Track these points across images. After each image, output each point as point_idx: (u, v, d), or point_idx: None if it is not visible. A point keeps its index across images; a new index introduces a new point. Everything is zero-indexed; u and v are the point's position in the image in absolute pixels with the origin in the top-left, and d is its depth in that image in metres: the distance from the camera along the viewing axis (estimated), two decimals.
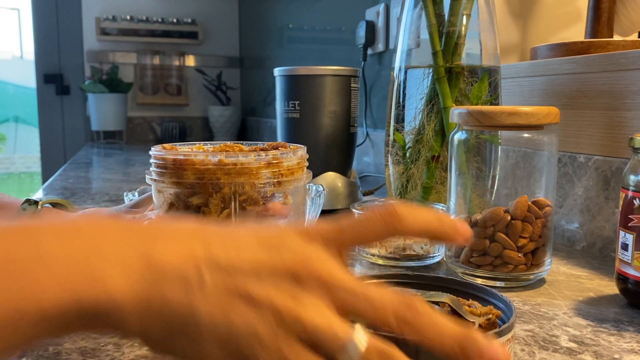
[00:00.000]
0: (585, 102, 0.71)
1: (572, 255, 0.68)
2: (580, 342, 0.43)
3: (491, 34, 0.74)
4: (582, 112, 0.71)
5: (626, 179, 0.50)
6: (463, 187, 0.60)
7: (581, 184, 0.70)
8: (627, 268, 0.50)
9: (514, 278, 0.56)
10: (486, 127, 0.56)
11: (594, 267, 0.63)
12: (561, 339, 0.44)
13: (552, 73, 0.76)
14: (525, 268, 0.56)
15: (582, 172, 0.70)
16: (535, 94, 0.79)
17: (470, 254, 0.57)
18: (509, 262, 0.55)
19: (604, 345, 0.43)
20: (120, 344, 0.42)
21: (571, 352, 0.42)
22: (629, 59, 0.64)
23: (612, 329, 0.46)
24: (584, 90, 0.71)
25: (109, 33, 2.61)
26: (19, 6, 3.91)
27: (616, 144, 0.66)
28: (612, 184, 0.66)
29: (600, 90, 0.68)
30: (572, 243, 0.72)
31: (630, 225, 0.49)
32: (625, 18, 0.83)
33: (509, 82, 0.83)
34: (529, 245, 0.55)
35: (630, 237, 0.49)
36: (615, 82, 0.66)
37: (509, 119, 0.54)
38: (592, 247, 0.69)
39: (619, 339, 0.44)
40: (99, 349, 0.41)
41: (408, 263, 0.63)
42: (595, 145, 0.69)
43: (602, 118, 0.68)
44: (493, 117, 0.54)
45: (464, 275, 0.58)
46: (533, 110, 0.54)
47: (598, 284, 0.57)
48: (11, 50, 4.22)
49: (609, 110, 0.67)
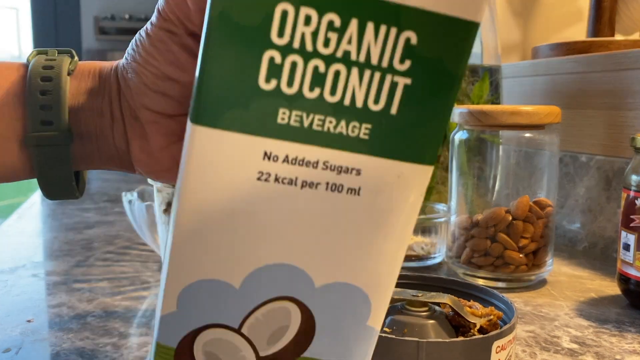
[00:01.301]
0: (587, 102, 0.70)
1: (574, 255, 0.68)
2: (581, 343, 0.43)
3: (492, 33, 0.74)
4: (583, 112, 0.71)
5: (628, 179, 0.50)
6: (464, 187, 0.60)
7: (583, 184, 0.70)
8: (628, 269, 0.49)
9: (515, 279, 0.56)
10: (487, 126, 0.56)
11: (596, 268, 0.63)
12: (563, 339, 0.44)
13: (553, 72, 0.75)
14: (527, 269, 0.55)
15: (583, 172, 0.70)
16: (537, 93, 0.78)
17: (472, 255, 0.57)
18: (510, 262, 0.55)
19: (606, 346, 0.43)
20: (119, 345, 0.42)
21: (573, 353, 0.41)
22: (631, 58, 0.64)
23: (613, 329, 0.46)
24: (586, 89, 0.70)
25: (107, 32, 2.61)
26: (18, 6, 3.90)
27: (618, 143, 0.66)
28: (614, 184, 0.66)
29: (602, 89, 0.68)
30: (573, 243, 0.72)
31: (632, 225, 0.49)
32: (627, 17, 0.83)
33: (510, 81, 0.83)
34: (530, 245, 0.55)
35: (632, 238, 0.49)
36: (617, 82, 0.66)
37: (510, 119, 0.53)
38: (593, 248, 0.69)
39: (620, 340, 0.44)
40: (98, 350, 0.41)
41: (409, 264, 0.63)
42: (596, 145, 0.69)
43: (604, 118, 0.68)
44: (494, 116, 0.54)
45: (465, 275, 0.57)
46: (534, 110, 0.54)
47: (600, 285, 0.57)
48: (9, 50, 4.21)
49: (610, 110, 0.67)
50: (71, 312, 0.48)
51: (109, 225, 0.81)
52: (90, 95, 0.30)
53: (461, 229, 0.58)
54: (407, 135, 0.21)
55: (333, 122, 0.20)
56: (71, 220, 0.84)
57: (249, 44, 0.19)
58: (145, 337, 0.43)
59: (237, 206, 0.21)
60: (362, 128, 0.20)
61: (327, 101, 0.20)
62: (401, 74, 0.20)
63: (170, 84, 0.29)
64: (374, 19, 0.19)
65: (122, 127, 0.30)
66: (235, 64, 0.19)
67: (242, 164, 0.20)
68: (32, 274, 0.59)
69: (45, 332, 0.44)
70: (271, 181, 0.20)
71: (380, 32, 0.19)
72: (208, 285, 0.22)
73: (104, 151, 0.31)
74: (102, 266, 0.62)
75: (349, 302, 0.23)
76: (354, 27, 0.19)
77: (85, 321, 0.46)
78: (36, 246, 0.73)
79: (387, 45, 0.19)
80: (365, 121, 0.20)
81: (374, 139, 0.20)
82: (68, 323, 0.46)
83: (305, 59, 0.19)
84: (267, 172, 0.20)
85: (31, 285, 0.56)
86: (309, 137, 0.20)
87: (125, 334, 0.44)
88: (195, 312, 0.23)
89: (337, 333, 0.24)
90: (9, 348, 0.41)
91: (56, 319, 0.47)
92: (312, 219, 0.21)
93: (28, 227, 0.84)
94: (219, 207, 0.21)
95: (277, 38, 0.19)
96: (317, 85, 0.19)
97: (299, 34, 0.19)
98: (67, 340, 0.42)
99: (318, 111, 0.20)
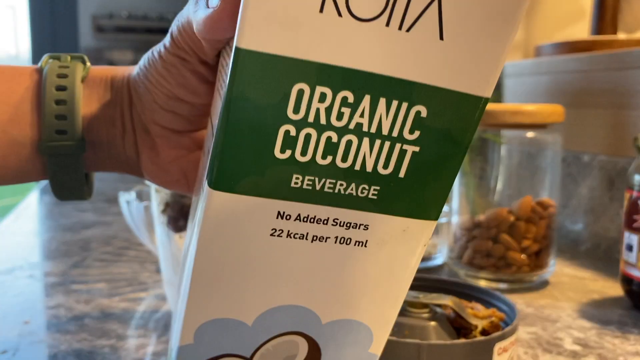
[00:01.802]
0: (590, 101, 0.70)
1: (577, 256, 0.68)
2: (584, 345, 0.43)
3: None
4: (586, 111, 0.71)
5: (631, 179, 0.49)
6: (466, 187, 0.60)
7: (585, 184, 0.70)
8: (631, 269, 0.49)
9: (518, 280, 0.55)
10: (489, 126, 0.56)
11: (599, 269, 0.62)
12: (565, 341, 0.43)
13: (556, 71, 0.75)
14: (529, 269, 0.55)
15: (586, 172, 0.70)
16: (539, 92, 0.78)
17: (473, 256, 0.56)
18: (512, 263, 0.55)
19: (609, 348, 0.42)
20: (117, 347, 0.41)
21: (575, 354, 0.41)
22: (634, 57, 0.64)
23: (616, 331, 0.46)
24: (589, 88, 0.70)
25: (105, 30, 2.60)
26: (14, 4, 3.90)
27: (621, 143, 0.66)
28: (617, 184, 0.65)
29: (605, 88, 0.68)
30: (576, 244, 0.71)
31: (635, 226, 0.48)
32: (630, 15, 0.82)
33: (513, 80, 0.82)
34: (532, 246, 0.55)
35: (634, 238, 0.48)
36: (620, 81, 0.66)
37: (512, 118, 0.53)
38: (596, 248, 0.68)
39: (623, 342, 0.44)
40: (95, 352, 0.41)
41: None
42: (599, 144, 0.69)
43: (607, 117, 0.68)
44: (496, 116, 0.53)
45: (467, 276, 0.57)
46: (537, 109, 0.53)
47: (602, 286, 0.57)
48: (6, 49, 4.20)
49: (613, 109, 0.67)
50: (68, 314, 0.48)
51: (107, 225, 0.80)
52: (102, 104, 0.31)
53: (463, 229, 0.58)
54: (414, 196, 0.22)
55: (344, 185, 0.21)
56: (68, 220, 0.83)
57: (265, 119, 0.19)
58: (143, 339, 0.43)
59: (250, 257, 0.22)
60: (371, 189, 0.21)
61: (338, 167, 0.21)
62: (410, 142, 0.21)
63: (181, 104, 0.29)
64: (387, 95, 0.20)
65: (132, 137, 0.31)
66: (252, 137, 0.20)
67: (256, 222, 0.21)
68: (29, 275, 0.58)
69: (42, 333, 0.44)
70: (284, 236, 0.22)
71: (392, 106, 0.20)
72: (223, 322, 0.24)
73: (114, 158, 0.32)
74: (100, 267, 0.61)
75: (352, 334, 0.25)
76: (366, 103, 0.20)
77: (83, 323, 0.46)
78: (33, 247, 0.72)
79: (397, 118, 0.20)
80: (374, 184, 0.21)
81: (382, 199, 0.21)
82: (65, 324, 0.45)
83: (319, 131, 0.20)
84: (280, 229, 0.22)
85: (28, 286, 0.55)
86: (320, 198, 0.21)
87: (123, 336, 0.43)
88: (210, 344, 0.24)
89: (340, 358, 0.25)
90: (6, 350, 0.41)
91: (53, 320, 0.46)
92: (321, 268, 0.23)
93: (25, 228, 0.83)
94: (234, 258, 0.22)
95: (293, 114, 0.20)
96: (330, 153, 0.20)
97: (314, 109, 0.20)
98: (65, 342, 0.42)
99: (330, 176, 0.21)
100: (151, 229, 0.55)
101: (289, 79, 0.19)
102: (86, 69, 0.31)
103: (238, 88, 0.19)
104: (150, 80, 0.29)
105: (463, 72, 0.20)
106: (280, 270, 0.22)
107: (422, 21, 0.19)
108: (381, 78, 0.19)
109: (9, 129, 0.29)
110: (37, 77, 0.30)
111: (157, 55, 0.29)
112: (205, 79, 0.28)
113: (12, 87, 0.30)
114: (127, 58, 2.63)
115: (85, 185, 0.32)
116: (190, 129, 0.31)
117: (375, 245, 0.22)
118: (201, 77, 0.28)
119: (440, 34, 0.19)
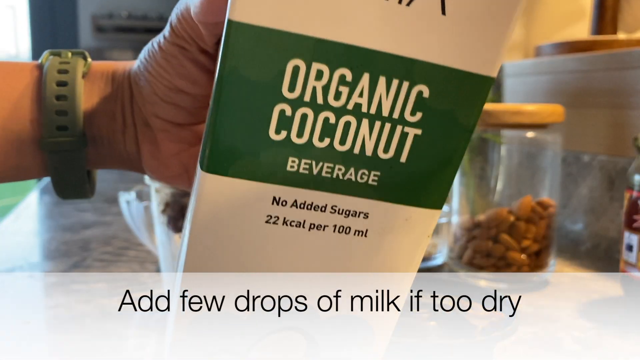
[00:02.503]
0: (590, 101, 0.70)
1: (577, 256, 0.68)
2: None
3: None
4: (586, 111, 0.71)
5: (631, 179, 0.49)
6: (466, 187, 0.60)
7: (585, 184, 0.70)
8: (631, 269, 0.49)
9: (518, 280, 0.55)
10: (489, 126, 0.56)
11: (599, 269, 0.62)
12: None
13: (556, 71, 0.75)
14: (529, 269, 0.55)
15: (586, 172, 0.70)
16: (539, 92, 0.78)
17: (473, 256, 0.56)
18: (512, 263, 0.55)
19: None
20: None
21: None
22: (634, 57, 0.64)
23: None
24: (589, 88, 0.70)
25: (105, 30, 2.60)
26: (14, 4, 3.90)
27: (621, 143, 0.66)
28: (617, 184, 0.65)
29: (605, 88, 0.68)
30: (576, 244, 0.71)
31: (635, 226, 0.48)
32: (630, 15, 0.82)
33: (513, 80, 0.82)
34: (532, 246, 0.55)
35: (634, 238, 0.48)
36: (620, 81, 0.66)
37: (512, 118, 0.53)
38: (596, 248, 0.68)
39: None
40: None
41: None
42: (599, 144, 0.68)
43: (607, 117, 0.68)
44: (496, 115, 0.53)
45: (467, 276, 0.57)
46: (537, 109, 0.53)
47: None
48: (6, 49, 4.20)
49: (613, 109, 0.67)
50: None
51: (107, 225, 0.80)
52: (103, 99, 0.31)
53: (463, 229, 0.58)
54: (416, 182, 0.21)
55: (342, 170, 0.20)
56: (68, 220, 0.83)
57: (259, 98, 0.19)
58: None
59: (245, 246, 0.21)
60: (371, 175, 0.20)
61: (336, 150, 0.20)
62: (412, 125, 0.20)
63: (182, 96, 0.29)
64: (386, 73, 0.19)
65: (133, 132, 0.31)
66: (246, 117, 0.19)
67: (251, 208, 0.20)
68: (29, 275, 0.58)
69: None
70: (279, 224, 0.21)
71: (392, 85, 0.19)
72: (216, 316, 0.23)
73: (115, 154, 0.32)
74: (100, 267, 0.61)
75: (352, 331, 0.24)
76: (365, 81, 0.19)
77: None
78: (33, 247, 0.72)
79: (398, 98, 0.19)
80: (374, 169, 0.20)
81: (383, 185, 0.21)
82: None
83: (316, 112, 0.19)
84: (276, 216, 0.21)
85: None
86: (317, 183, 0.20)
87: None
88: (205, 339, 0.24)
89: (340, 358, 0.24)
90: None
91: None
92: (319, 257, 0.22)
93: (25, 228, 0.83)
94: (227, 246, 0.21)
95: (288, 92, 0.19)
96: (327, 135, 0.19)
97: (310, 88, 0.19)
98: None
99: (327, 159, 0.20)
100: (151, 229, 0.55)
101: (284, 54, 0.18)
102: (87, 65, 0.31)
103: (231, 63, 0.18)
104: (150, 72, 0.29)
105: (467, 50, 0.19)
106: (276, 260, 0.22)
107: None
108: (380, 55, 0.18)
109: (9, 126, 0.29)
110: (37, 73, 0.30)
111: (157, 46, 0.29)
112: (205, 68, 0.28)
113: (12, 83, 0.30)
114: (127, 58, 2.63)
115: (87, 183, 0.32)
116: (191, 122, 0.30)
117: (376, 235, 0.21)
118: (201, 66, 0.28)
119: (442, 8, 0.18)
